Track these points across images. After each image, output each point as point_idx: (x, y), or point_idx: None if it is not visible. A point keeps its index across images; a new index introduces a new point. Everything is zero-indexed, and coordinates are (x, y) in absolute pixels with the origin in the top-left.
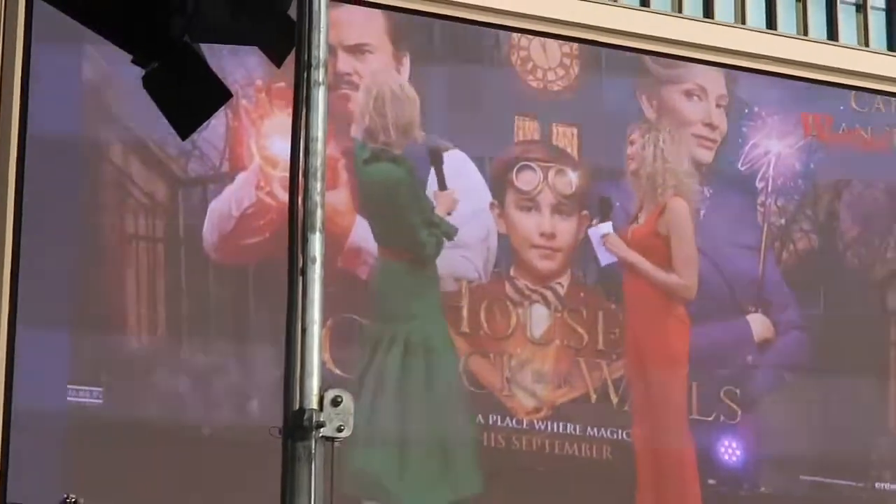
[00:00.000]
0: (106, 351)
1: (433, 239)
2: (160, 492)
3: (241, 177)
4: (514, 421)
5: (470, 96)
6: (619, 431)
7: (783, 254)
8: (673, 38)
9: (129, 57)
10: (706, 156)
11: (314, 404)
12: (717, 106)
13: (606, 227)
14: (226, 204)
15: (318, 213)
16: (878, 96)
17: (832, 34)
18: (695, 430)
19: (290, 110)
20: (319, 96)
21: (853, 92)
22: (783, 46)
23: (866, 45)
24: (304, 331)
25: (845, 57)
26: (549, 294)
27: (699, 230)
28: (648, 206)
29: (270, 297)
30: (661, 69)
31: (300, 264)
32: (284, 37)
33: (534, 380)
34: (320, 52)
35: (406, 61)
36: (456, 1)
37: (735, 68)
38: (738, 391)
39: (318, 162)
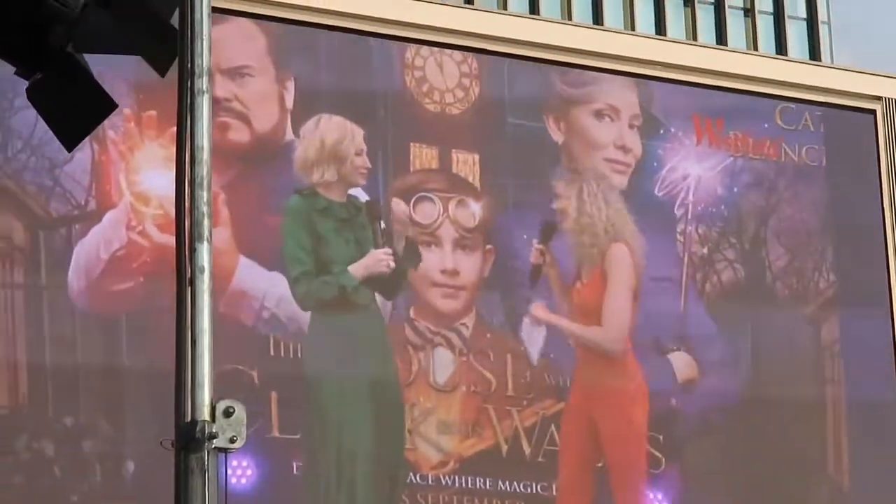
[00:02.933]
0: None
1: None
2: None
3: (109, 216)
4: (418, 477)
5: (360, 122)
6: (534, 485)
7: (706, 286)
8: (581, 48)
9: None
10: (620, 181)
11: (206, 415)
12: (631, 126)
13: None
14: (93, 246)
15: (206, 222)
16: (807, 112)
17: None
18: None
19: (162, 141)
20: (204, 105)
21: (778, 108)
22: (698, 56)
23: (783, 53)
24: (194, 342)
25: (768, 67)
26: (452, 336)
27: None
28: (588, 263)
29: (146, 348)
30: (569, 89)
31: (188, 275)
32: (168, 46)
33: (438, 431)
34: (203, 60)
35: (290, 86)
36: (342, 12)
37: (645, 77)
38: (661, 437)
39: (203, 171)
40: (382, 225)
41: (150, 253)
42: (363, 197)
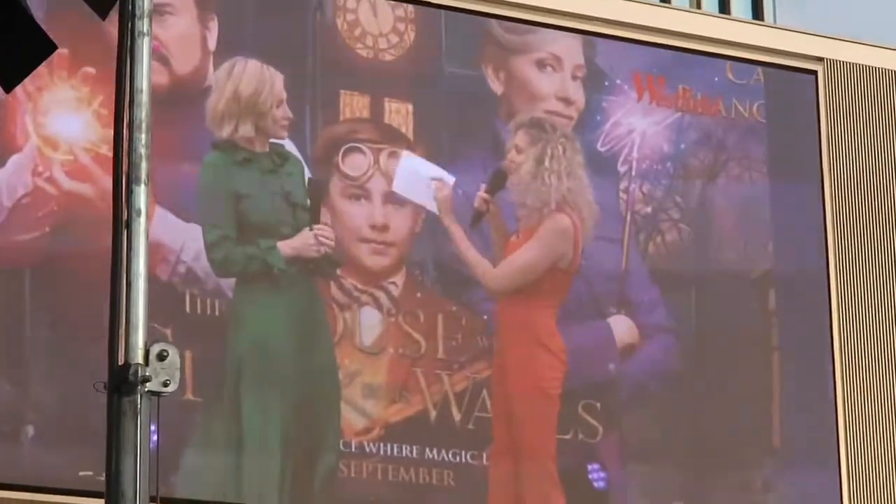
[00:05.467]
0: None
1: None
2: None
3: (13, 160)
4: (341, 444)
5: (288, 68)
6: (463, 454)
7: (649, 247)
8: (521, 2)
9: None
10: None
11: (139, 359)
12: (574, 78)
13: (446, 175)
14: None
15: (143, 165)
16: (760, 68)
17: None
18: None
19: (74, 82)
20: (144, 46)
21: (729, 62)
22: (642, 13)
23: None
24: (129, 284)
25: (712, 26)
26: (381, 295)
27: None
28: (526, 223)
29: (51, 303)
30: (509, 36)
31: (125, 217)
32: None
33: (364, 395)
34: (144, 1)
35: (213, 26)
36: None
37: (593, 35)
38: (598, 405)
39: (143, 114)
40: (323, 200)
41: (58, 201)
42: (290, 147)
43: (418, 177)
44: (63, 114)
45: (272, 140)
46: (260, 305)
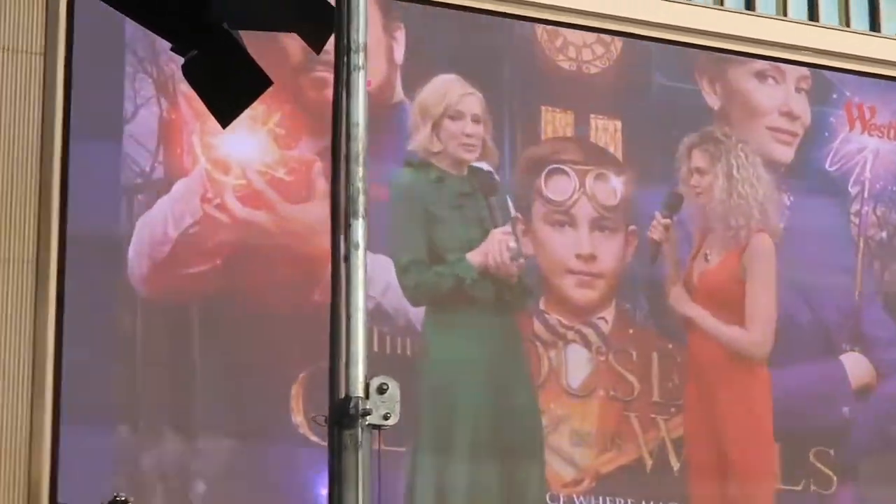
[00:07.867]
0: None
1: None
2: None
3: (180, 185)
4: (548, 496)
5: (483, 82)
6: None
7: (885, 276)
8: (733, 33)
9: None
10: (785, 154)
11: (360, 392)
12: (798, 90)
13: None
14: (160, 221)
15: (361, 198)
16: None
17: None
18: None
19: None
20: (360, 80)
21: None
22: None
23: None
24: (348, 318)
25: None
26: (589, 332)
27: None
28: (719, 244)
29: (222, 343)
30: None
31: (343, 251)
32: (323, 22)
33: (572, 442)
34: (359, 35)
35: (400, 36)
36: None
37: (805, 65)
38: (832, 452)
39: (359, 147)
40: (508, 202)
41: (231, 230)
42: (486, 168)
43: None
44: (235, 134)
45: (471, 164)
46: (452, 342)
